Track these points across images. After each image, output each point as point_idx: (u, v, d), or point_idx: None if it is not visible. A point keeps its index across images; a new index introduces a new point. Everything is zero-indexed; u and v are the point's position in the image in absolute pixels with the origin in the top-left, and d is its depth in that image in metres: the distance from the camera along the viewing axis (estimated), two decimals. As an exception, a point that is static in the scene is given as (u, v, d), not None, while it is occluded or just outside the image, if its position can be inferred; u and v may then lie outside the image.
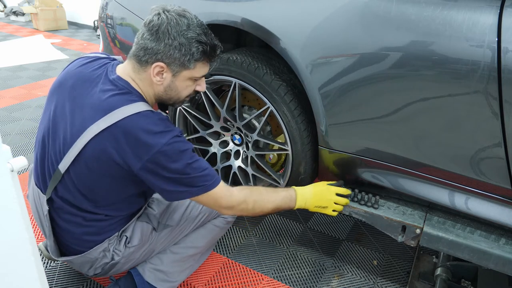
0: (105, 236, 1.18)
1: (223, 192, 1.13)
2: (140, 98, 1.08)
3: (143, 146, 1.01)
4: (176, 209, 1.32)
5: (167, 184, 1.06)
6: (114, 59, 1.20)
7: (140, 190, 1.18)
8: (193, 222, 1.35)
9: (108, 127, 1.00)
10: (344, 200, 1.33)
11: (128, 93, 1.07)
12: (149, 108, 1.06)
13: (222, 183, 1.13)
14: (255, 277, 1.51)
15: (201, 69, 1.12)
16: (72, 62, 1.21)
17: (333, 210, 1.32)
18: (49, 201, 1.13)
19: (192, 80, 1.13)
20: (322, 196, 1.30)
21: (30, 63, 4.25)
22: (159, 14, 1.05)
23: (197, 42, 1.06)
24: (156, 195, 1.34)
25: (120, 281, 1.30)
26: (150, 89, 1.12)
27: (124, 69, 1.12)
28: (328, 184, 1.35)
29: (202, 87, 1.18)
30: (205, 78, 1.28)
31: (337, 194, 1.32)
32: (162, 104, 1.20)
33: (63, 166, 1.07)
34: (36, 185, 1.16)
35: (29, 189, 1.24)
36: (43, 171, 1.13)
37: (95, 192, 1.11)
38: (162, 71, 1.08)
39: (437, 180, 1.19)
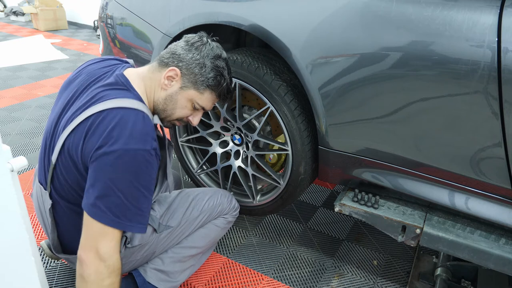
0: None
1: (118, 248, 1.01)
2: (136, 96, 1.07)
3: (113, 139, 0.95)
4: (176, 210, 1.32)
5: (95, 187, 0.96)
6: (127, 62, 1.22)
7: None
8: (193, 222, 1.35)
9: (94, 113, 0.99)
10: None
11: (124, 89, 1.07)
12: (143, 109, 1.04)
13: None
14: (255, 277, 1.51)
15: (206, 99, 1.16)
16: (85, 62, 1.23)
17: None
18: (50, 196, 1.13)
19: (192, 104, 1.16)
20: None
21: (30, 63, 4.25)
22: (202, 36, 1.15)
23: (218, 72, 1.13)
24: (156, 197, 1.34)
25: (121, 281, 1.30)
26: (154, 91, 1.13)
27: (136, 70, 1.14)
28: None
29: (195, 120, 1.20)
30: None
31: None
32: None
33: (54, 156, 1.06)
34: (39, 181, 1.17)
35: (33, 188, 1.25)
36: (44, 166, 1.14)
37: (77, 183, 1.06)
38: (174, 78, 1.11)
39: (437, 180, 1.19)
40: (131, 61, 1.25)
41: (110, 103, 1.00)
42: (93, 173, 0.97)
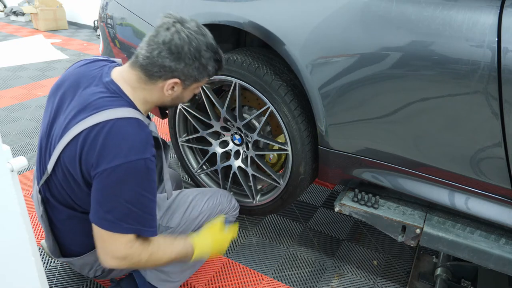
0: None
1: (131, 244, 1.03)
2: (129, 103, 1.06)
3: (112, 153, 0.96)
4: (176, 210, 1.32)
5: (102, 202, 0.98)
6: (113, 61, 1.20)
7: None
8: (193, 223, 1.34)
9: (88, 127, 0.98)
10: (231, 237, 1.33)
11: (117, 97, 1.05)
12: (137, 115, 1.03)
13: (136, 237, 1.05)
14: (255, 277, 1.51)
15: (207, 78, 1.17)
16: (73, 64, 1.21)
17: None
18: (45, 201, 1.13)
19: (197, 89, 1.17)
20: (220, 245, 1.30)
21: (30, 63, 4.25)
22: (178, 32, 1.01)
23: (214, 61, 1.10)
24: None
25: (122, 282, 1.30)
26: (155, 98, 1.11)
27: (123, 76, 1.10)
28: (222, 225, 1.32)
29: (198, 89, 1.21)
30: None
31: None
32: (163, 107, 1.21)
33: (50, 166, 1.06)
34: (37, 185, 1.17)
35: (33, 189, 1.25)
36: (40, 171, 1.13)
37: (76, 194, 1.07)
38: (175, 85, 1.10)
39: (437, 180, 1.19)
40: (119, 60, 1.22)
41: (104, 114, 0.99)
42: (97, 191, 0.98)
